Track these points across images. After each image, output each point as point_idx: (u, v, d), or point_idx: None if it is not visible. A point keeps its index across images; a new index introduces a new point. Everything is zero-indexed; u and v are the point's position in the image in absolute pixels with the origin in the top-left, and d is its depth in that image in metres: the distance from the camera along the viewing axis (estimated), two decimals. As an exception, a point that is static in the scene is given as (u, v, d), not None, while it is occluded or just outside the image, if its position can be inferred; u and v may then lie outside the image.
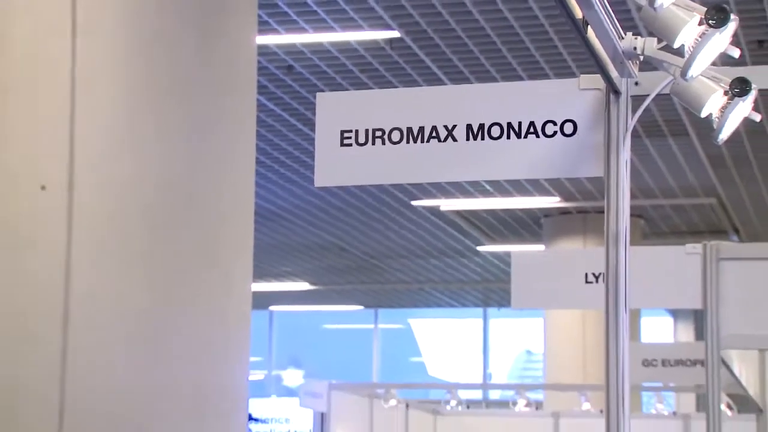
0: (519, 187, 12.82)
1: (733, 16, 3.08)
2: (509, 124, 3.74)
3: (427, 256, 16.85)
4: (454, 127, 3.77)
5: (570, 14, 3.13)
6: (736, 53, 3.24)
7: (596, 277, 5.55)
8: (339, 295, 20.33)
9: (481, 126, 3.75)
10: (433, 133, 3.78)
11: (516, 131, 3.73)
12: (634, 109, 3.60)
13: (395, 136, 3.81)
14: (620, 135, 3.59)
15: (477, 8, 7.95)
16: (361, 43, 8.64)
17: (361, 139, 3.83)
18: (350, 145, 3.84)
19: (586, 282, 5.61)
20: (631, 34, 3.41)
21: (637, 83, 3.59)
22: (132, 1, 4.59)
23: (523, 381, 20.85)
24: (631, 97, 3.61)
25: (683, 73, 3.18)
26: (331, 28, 8.32)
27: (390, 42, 8.56)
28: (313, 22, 8.22)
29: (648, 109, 3.62)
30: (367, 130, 3.83)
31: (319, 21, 8.20)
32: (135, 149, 4.53)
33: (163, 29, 4.60)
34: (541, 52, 8.72)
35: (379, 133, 3.82)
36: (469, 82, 8.93)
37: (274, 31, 8.33)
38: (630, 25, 6.81)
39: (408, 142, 3.79)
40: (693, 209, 13.70)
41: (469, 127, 3.76)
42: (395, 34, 8.42)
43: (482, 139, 3.75)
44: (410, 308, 22.55)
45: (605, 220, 3.58)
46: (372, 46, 8.68)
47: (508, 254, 5.99)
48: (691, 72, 3.16)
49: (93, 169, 4.48)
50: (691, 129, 10.50)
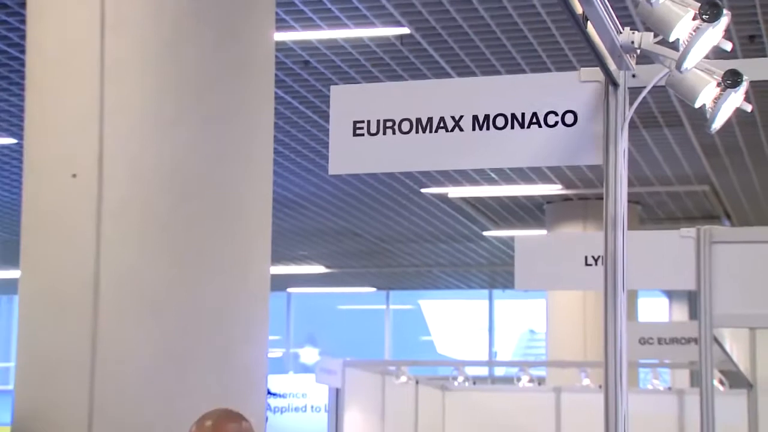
0: (523, 175, 12.80)
1: (725, 11, 3.07)
2: (513, 115, 3.73)
3: (435, 240, 16.84)
4: (461, 117, 3.76)
5: (571, 10, 3.12)
6: (729, 46, 3.23)
7: (595, 260, 5.54)
8: (352, 277, 20.33)
9: (487, 117, 3.75)
10: (441, 124, 3.77)
11: (519, 121, 3.72)
12: (632, 101, 3.59)
13: (405, 126, 3.80)
14: (618, 125, 3.57)
15: (482, 5, 7.93)
16: (373, 39, 8.62)
17: (373, 129, 3.83)
18: (362, 135, 3.83)
19: (586, 264, 5.59)
20: (629, 28, 3.40)
21: (634, 76, 3.58)
22: (157, 1, 4.59)
23: (527, 358, 20.82)
24: (629, 88, 3.60)
25: (678, 66, 3.16)
26: (344, 25, 8.31)
27: (400, 38, 8.54)
28: (328, 19, 8.21)
29: (645, 100, 3.61)
30: (378, 121, 3.82)
31: (334, 18, 8.19)
32: (160, 139, 4.54)
33: (187, 27, 4.60)
34: (544, 47, 8.70)
35: (389, 124, 3.81)
36: (475, 76, 8.91)
37: (291, 28, 8.32)
38: (628, 21, 6.80)
39: (417, 132, 3.79)
40: (687, 196, 13.66)
41: (475, 118, 3.75)
42: (405, 31, 8.40)
43: (487, 129, 3.74)
44: (420, 290, 22.54)
45: (604, 206, 3.57)
46: (383, 42, 8.67)
47: (513, 239, 5.99)
48: (686, 64, 3.15)
49: (120, 158, 4.49)
50: (686, 120, 10.46)
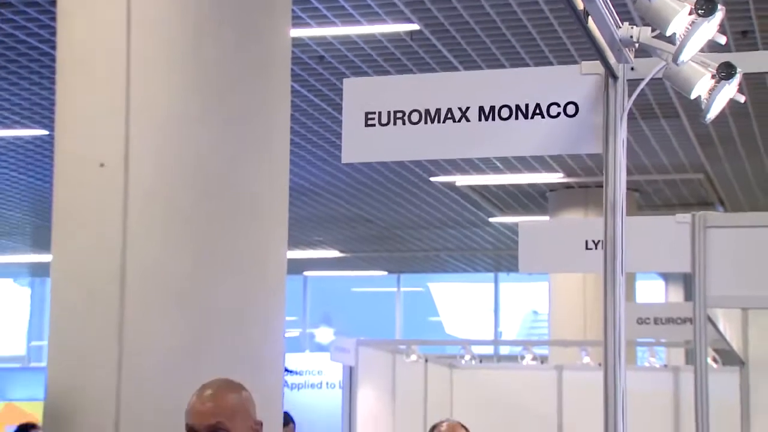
0: (526, 164, 12.78)
1: (719, 6, 3.05)
2: (517, 106, 3.72)
3: (443, 226, 16.83)
4: (468, 108, 3.75)
5: (572, 6, 3.11)
6: (723, 40, 3.22)
7: (596, 244, 5.53)
8: (365, 261, 20.34)
9: (492, 108, 3.74)
10: (449, 115, 3.76)
11: (523, 112, 3.71)
12: (631, 92, 3.57)
13: (414, 117, 3.79)
14: (618, 116, 3.56)
15: (488, 3, 7.92)
16: (384, 35, 8.61)
17: (384, 120, 3.82)
18: (374, 125, 3.83)
19: (587, 248, 5.58)
20: (628, 23, 3.38)
21: (633, 68, 3.57)
22: (181, 2, 4.58)
23: (530, 338, 20.81)
24: (628, 81, 3.59)
25: (675, 59, 3.15)
26: (357, 22, 8.30)
27: (411, 34, 8.53)
28: (342, 16, 8.20)
29: (643, 92, 3.59)
30: (389, 112, 3.82)
31: (347, 15, 8.18)
32: (183, 131, 4.54)
33: (208, 25, 4.60)
34: (546, 42, 8.67)
35: (399, 115, 3.81)
36: (481, 69, 8.89)
37: (306, 25, 8.31)
38: (627, 17, 6.77)
39: (426, 122, 3.78)
40: (683, 183, 13.62)
41: (481, 109, 3.75)
42: (415, 27, 8.39)
43: (493, 119, 3.74)
44: (429, 273, 22.52)
45: (604, 193, 3.57)
46: (394, 38, 8.65)
47: (517, 224, 5.96)
48: (682, 57, 3.14)
49: (146, 149, 4.49)
50: (682, 111, 10.42)
